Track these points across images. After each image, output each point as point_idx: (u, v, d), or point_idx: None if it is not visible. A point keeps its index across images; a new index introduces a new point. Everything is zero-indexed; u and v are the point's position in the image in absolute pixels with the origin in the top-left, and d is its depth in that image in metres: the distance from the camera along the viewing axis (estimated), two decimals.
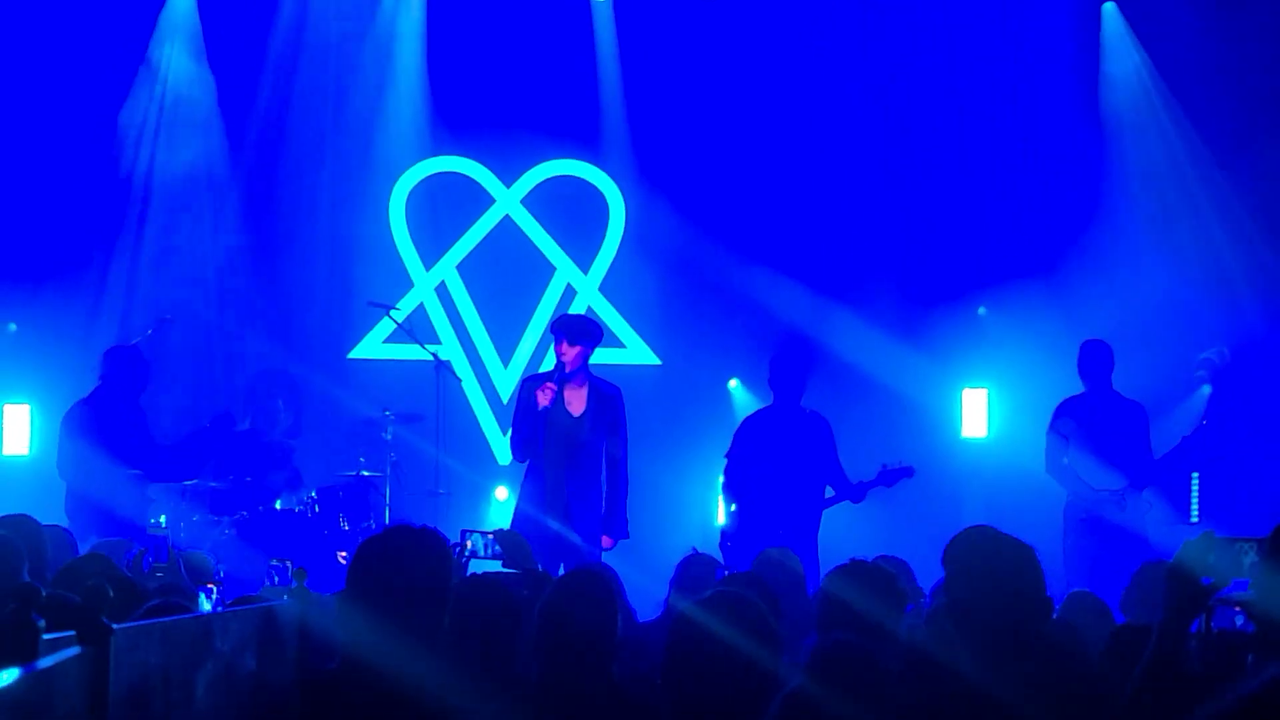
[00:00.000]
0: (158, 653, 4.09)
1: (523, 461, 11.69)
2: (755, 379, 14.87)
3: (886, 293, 15.66)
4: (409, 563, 5.00)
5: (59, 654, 3.48)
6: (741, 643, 5.11)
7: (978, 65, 15.59)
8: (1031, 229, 15.56)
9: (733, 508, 12.66)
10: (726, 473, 12.81)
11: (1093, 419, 12.66)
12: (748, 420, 13.06)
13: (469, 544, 8.27)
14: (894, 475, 12.85)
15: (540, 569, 8.41)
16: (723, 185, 15.89)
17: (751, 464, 12.64)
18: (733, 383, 15.69)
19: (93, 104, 15.19)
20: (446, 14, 15.70)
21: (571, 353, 11.49)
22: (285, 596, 6.55)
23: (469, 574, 8.03)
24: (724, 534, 12.64)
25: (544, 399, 11.37)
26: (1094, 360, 12.82)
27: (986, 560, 5.30)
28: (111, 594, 3.76)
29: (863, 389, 15.38)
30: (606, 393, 11.62)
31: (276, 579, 8.04)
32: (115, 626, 3.71)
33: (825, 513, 13.04)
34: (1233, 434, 14.34)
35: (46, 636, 3.47)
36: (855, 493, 12.77)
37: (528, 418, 11.49)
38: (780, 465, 12.57)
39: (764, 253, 15.77)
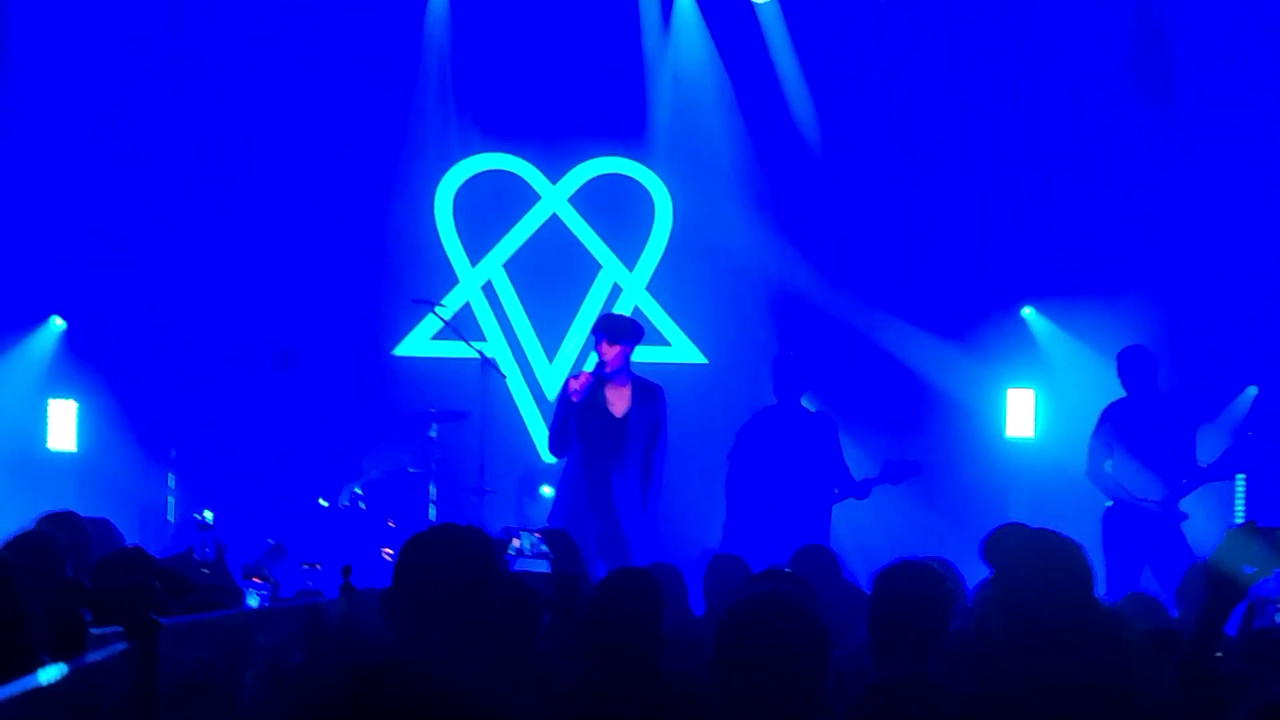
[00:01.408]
0: (205, 647, 4.10)
1: (557, 456, 11.68)
2: (782, 371, 14.90)
3: (933, 292, 15.61)
4: (454, 561, 5.02)
5: (107, 649, 3.49)
6: (791, 639, 5.10)
7: (1030, 65, 15.48)
8: (1079, 228, 15.46)
9: (731, 508, 12.83)
10: (728, 475, 12.89)
11: (1137, 424, 12.56)
12: (749, 422, 13.17)
13: (515, 542, 8.25)
14: (899, 471, 12.89)
15: (584, 570, 8.40)
16: (770, 183, 15.86)
17: (754, 465, 12.75)
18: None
19: (137, 105, 15.23)
20: (494, 9, 15.69)
21: (612, 352, 11.47)
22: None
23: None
24: (724, 535, 12.77)
25: (575, 385, 11.39)
26: (1133, 366, 12.72)
27: (1034, 555, 5.29)
28: (160, 589, 3.77)
29: (908, 388, 15.39)
30: (649, 391, 11.60)
31: (310, 584, 8.04)
32: (162, 621, 3.71)
33: (870, 512, 13.10)
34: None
35: (94, 631, 3.48)
36: (859, 489, 12.85)
37: (561, 411, 11.51)
38: (784, 465, 12.67)
39: (810, 251, 15.74)
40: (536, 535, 8.41)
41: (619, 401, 11.50)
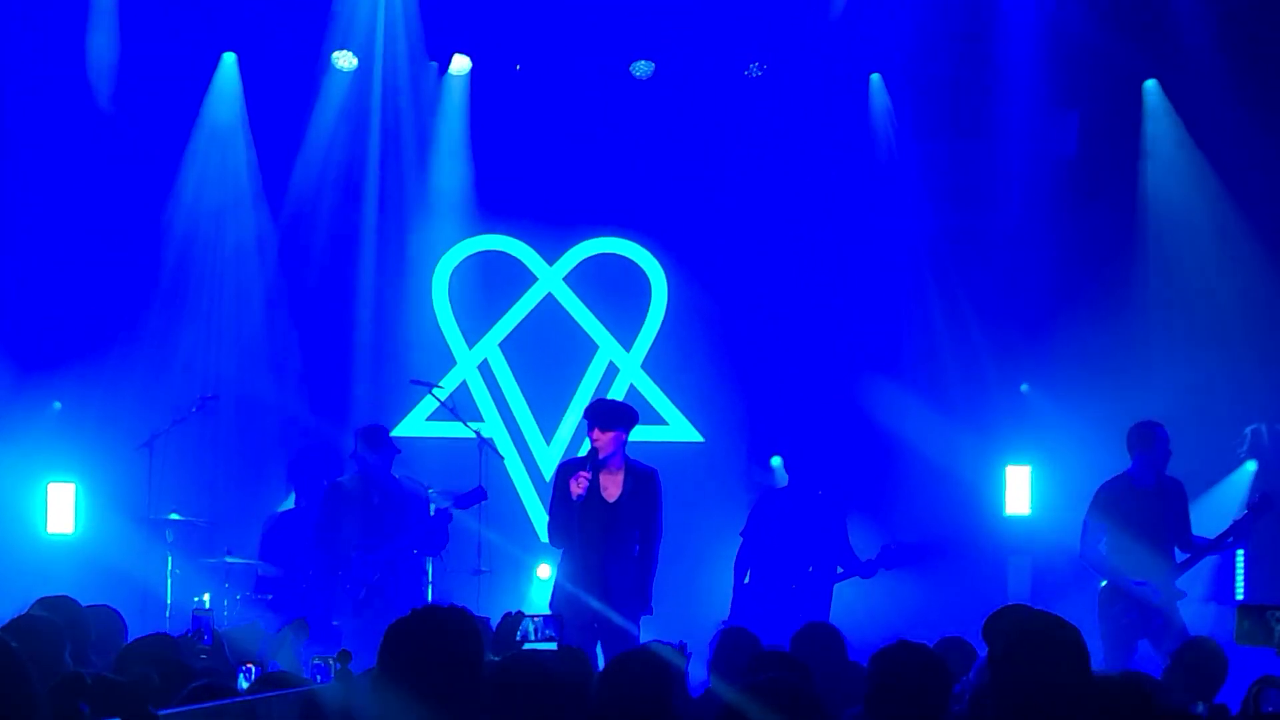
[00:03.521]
0: None
1: (557, 547, 11.62)
2: (791, 455, 14.95)
3: (931, 369, 15.65)
4: (438, 643, 5.01)
5: None
6: None
7: (1023, 139, 15.56)
8: (1075, 306, 15.50)
9: (745, 580, 12.96)
10: (740, 549, 13.11)
11: (1132, 503, 12.47)
12: (761, 500, 13.26)
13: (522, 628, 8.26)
14: (897, 558, 13.22)
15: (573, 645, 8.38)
16: (765, 261, 15.91)
17: (764, 542, 12.90)
18: (775, 460, 15.65)
19: (138, 184, 15.27)
20: (489, 92, 15.78)
21: (605, 439, 11.39)
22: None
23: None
24: (732, 608, 12.87)
25: (576, 488, 11.29)
26: (1141, 442, 12.60)
27: (1031, 638, 5.29)
28: (158, 680, 3.77)
29: (907, 465, 15.39)
30: (643, 475, 11.52)
31: (319, 678, 8.02)
32: (161, 713, 3.72)
33: (872, 587, 13.20)
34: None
35: None
36: (865, 569, 13.18)
37: (562, 505, 11.45)
38: (791, 545, 12.87)
39: (807, 329, 15.78)
40: (540, 619, 8.40)
41: (612, 487, 11.45)
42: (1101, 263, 15.54)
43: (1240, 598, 13.76)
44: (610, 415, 11.53)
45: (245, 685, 7.43)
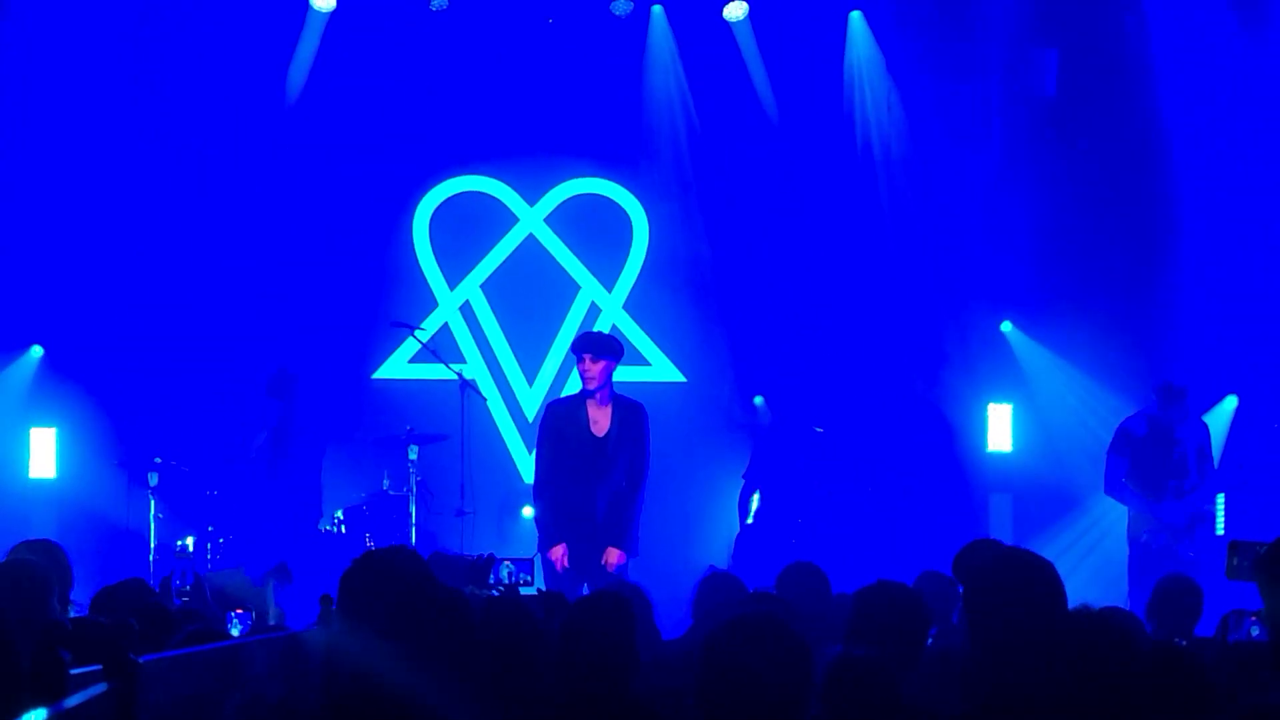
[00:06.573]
0: (185, 684, 4.10)
1: (546, 486, 11.59)
2: (780, 396, 14.95)
3: (912, 308, 15.65)
4: (388, 583, 5.03)
5: (86, 691, 3.49)
6: (776, 663, 5.09)
7: (1007, 78, 15.52)
8: (1056, 244, 15.51)
9: (749, 520, 13.09)
10: (742, 491, 13.23)
11: (1147, 439, 12.57)
12: (759, 442, 13.37)
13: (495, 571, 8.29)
14: None
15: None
16: (747, 201, 15.89)
17: (765, 484, 13.04)
18: (758, 400, 15.65)
19: (115, 132, 15.19)
20: (469, 32, 15.69)
21: (595, 369, 11.44)
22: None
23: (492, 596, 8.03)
24: (735, 549, 13.03)
25: (561, 563, 11.34)
26: (1165, 397, 12.67)
27: (1002, 572, 5.33)
28: (137, 626, 3.77)
29: (889, 403, 15.42)
30: (631, 409, 11.58)
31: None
32: (142, 660, 3.71)
33: (852, 525, 13.35)
34: (1261, 446, 14.31)
35: (74, 672, 3.48)
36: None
37: (550, 444, 11.46)
38: (796, 485, 12.96)
39: (789, 269, 15.77)
40: (514, 563, 8.43)
41: (601, 420, 11.48)
42: (1083, 201, 15.53)
43: (1220, 532, 13.83)
44: (601, 344, 11.60)
45: (237, 631, 7.46)
